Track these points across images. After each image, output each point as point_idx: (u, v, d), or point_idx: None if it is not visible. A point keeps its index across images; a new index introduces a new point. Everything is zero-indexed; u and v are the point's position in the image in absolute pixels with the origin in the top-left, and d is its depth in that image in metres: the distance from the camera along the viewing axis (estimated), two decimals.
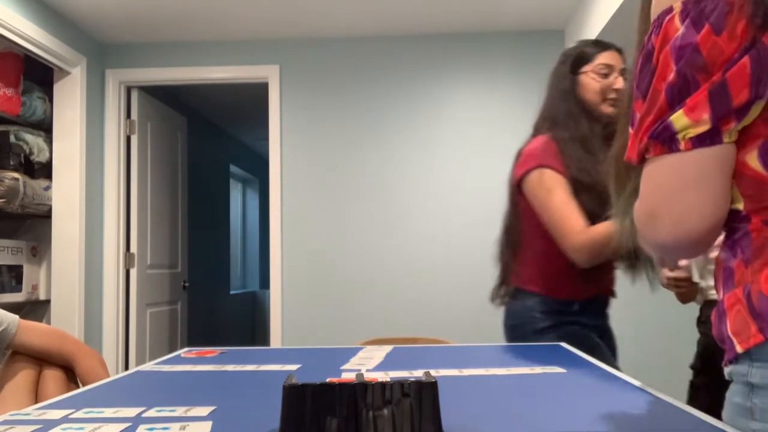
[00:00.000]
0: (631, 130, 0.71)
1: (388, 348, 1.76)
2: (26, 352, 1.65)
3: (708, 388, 2.25)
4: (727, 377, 0.74)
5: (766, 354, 0.67)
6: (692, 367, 2.37)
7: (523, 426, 0.88)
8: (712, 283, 2.25)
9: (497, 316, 3.92)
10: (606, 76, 1.74)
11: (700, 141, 0.64)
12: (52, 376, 1.67)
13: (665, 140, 0.66)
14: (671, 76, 0.65)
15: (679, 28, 0.64)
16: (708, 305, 2.43)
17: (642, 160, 0.70)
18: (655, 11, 0.68)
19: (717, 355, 2.15)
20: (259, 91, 3.98)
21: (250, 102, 5.09)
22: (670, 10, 0.66)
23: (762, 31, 0.62)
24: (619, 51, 1.81)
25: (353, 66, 3.80)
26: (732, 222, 0.71)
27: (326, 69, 3.81)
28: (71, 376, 1.74)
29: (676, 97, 0.64)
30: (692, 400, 2.31)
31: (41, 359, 1.67)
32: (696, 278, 2.28)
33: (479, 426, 0.88)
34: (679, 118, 0.64)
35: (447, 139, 3.73)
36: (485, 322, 3.67)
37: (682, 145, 0.65)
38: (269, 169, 3.79)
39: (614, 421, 0.89)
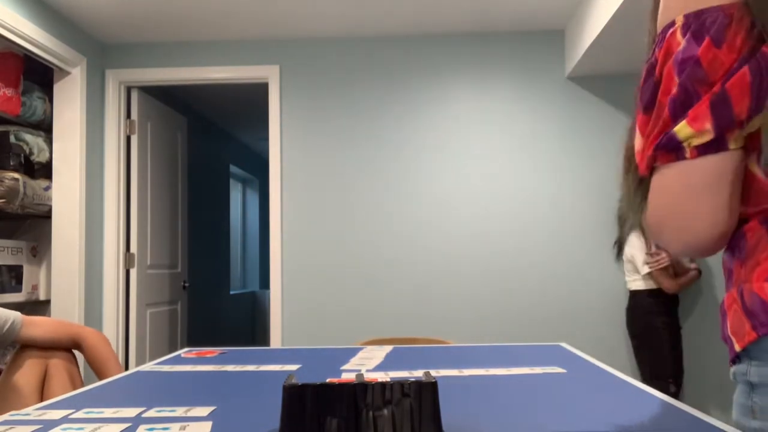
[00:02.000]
0: (636, 143, 0.72)
1: (388, 348, 1.76)
2: (34, 345, 1.75)
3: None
4: (731, 379, 0.75)
5: (761, 352, 0.68)
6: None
7: (523, 426, 0.88)
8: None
9: (497, 316, 3.94)
10: None
11: (706, 148, 0.65)
12: (58, 366, 1.74)
13: (671, 149, 0.67)
14: (674, 90, 0.66)
15: (680, 41, 0.66)
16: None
17: (651, 171, 0.71)
18: (660, 24, 0.70)
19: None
20: (259, 91, 3.98)
21: (250, 102, 5.09)
22: (672, 24, 0.67)
23: (761, 42, 0.63)
24: None
25: (353, 66, 3.80)
26: None
27: (326, 69, 3.81)
28: (76, 364, 1.83)
29: (679, 110, 0.66)
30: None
31: (48, 348, 1.77)
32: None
33: (479, 426, 0.88)
34: (682, 129, 0.65)
35: (447, 138, 3.73)
36: (486, 322, 3.67)
37: (688, 153, 0.66)
38: (269, 169, 3.79)
39: (614, 421, 0.89)
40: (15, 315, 1.72)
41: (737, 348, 0.70)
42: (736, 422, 0.74)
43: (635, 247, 3.26)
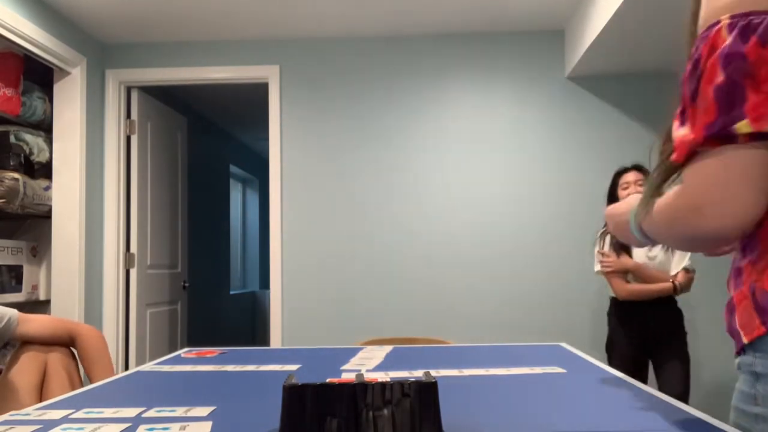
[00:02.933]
0: (677, 133, 0.75)
1: (388, 348, 1.76)
2: (32, 341, 1.75)
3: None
4: (736, 367, 0.81)
5: (767, 345, 0.74)
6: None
7: (523, 426, 0.88)
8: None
9: (497, 316, 3.94)
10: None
11: (758, 136, 0.69)
12: (56, 363, 1.75)
13: (724, 140, 0.70)
14: (719, 80, 0.70)
15: (726, 38, 0.71)
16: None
17: (689, 157, 0.74)
18: (702, 24, 0.75)
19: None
20: (259, 91, 3.98)
21: (250, 102, 5.09)
22: (717, 23, 0.72)
23: None
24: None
25: (353, 66, 3.80)
26: None
27: (326, 69, 3.81)
28: (75, 360, 1.84)
29: (724, 98, 0.70)
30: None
31: (47, 344, 1.77)
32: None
33: (479, 426, 0.88)
34: (743, 127, 0.69)
35: (447, 139, 3.73)
36: (486, 322, 3.67)
37: (739, 139, 0.69)
38: (269, 169, 3.79)
39: (614, 421, 0.89)
40: (11, 312, 1.73)
41: (745, 340, 0.76)
42: (735, 407, 0.79)
43: (597, 245, 2.96)
